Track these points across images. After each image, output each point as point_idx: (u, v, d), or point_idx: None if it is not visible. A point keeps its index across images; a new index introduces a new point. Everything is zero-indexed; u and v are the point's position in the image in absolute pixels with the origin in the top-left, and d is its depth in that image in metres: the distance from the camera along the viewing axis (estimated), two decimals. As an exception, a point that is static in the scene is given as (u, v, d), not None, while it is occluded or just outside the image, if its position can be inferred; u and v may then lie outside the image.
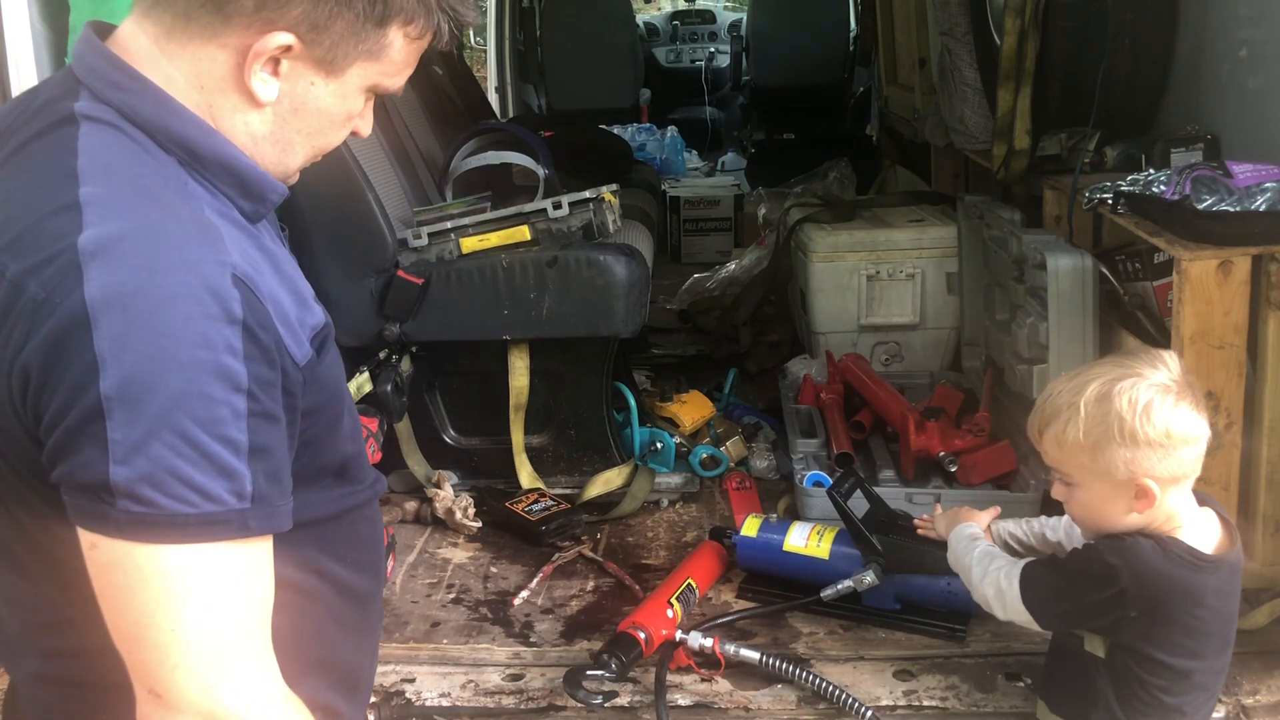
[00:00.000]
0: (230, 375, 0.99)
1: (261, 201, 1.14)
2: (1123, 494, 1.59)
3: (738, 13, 8.91)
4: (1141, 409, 1.54)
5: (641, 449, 2.94)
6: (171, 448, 0.96)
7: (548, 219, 2.72)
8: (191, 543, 0.98)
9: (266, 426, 1.03)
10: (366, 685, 1.39)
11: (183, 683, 1.00)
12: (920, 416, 2.76)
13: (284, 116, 1.12)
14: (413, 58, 1.17)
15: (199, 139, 1.09)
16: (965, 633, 2.16)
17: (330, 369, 1.19)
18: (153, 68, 1.08)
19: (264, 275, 1.07)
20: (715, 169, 7.05)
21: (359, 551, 1.30)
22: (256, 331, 1.01)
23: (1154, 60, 2.90)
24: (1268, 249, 2.12)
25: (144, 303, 0.97)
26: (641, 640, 2.05)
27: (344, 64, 1.11)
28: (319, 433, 1.17)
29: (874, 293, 3.36)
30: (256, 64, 1.07)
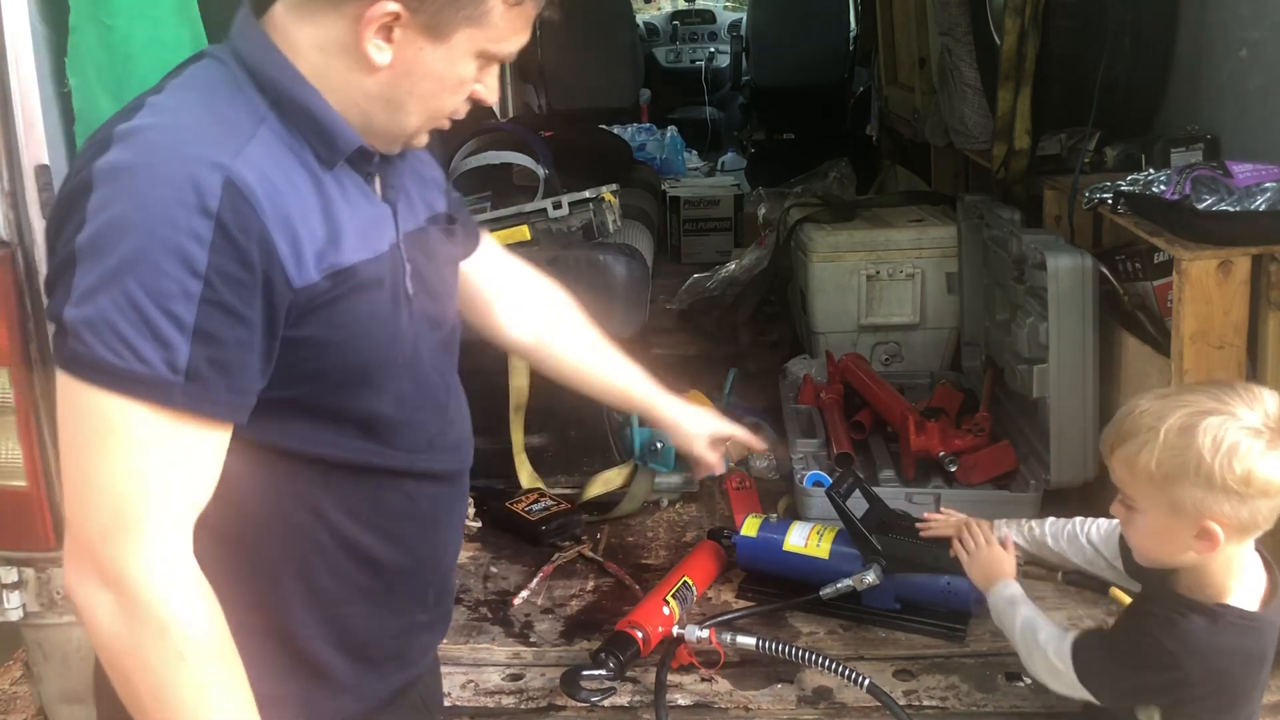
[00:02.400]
0: (187, 258, 1.08)
1: (334, 149, 1.22)
2: (1185, 531, 1.48)
3: (738, 13, 8.91)
4: (1226, 450, 1.42)
5: (641, 449, 2.94)
6: (116, 304, 1.06)
7: (548, 219, 2.73)
8: (116, 393, 1.08)
9: (222, 317, 1.10)
10: (389, 662, 1.39)
11: (85, 520, 1.11)
12: (920, 416, 2.76)
13: (396, 79, 1.21)
14: (518, 24, 1.24)
15: (288, 87, 1.20)
16: (965, 633, 2.16)
17: (360, 318, 1.22)
18: (284, 33, 1.21)
19: (286, 200, 1.15)
20: (715, 169, 7.05)
21: (385, 520, 1.32)
22: (232, 230, 1.09)
23: (1154, 60, 2.90)
24: (1268, 249, 2.12)
25: (133, 178, 1.09)
26: (639, 639, 2.05)
27: (449, 29, 1.19)
28: (332, 371, 1.22)
29: (874, 293, 3.36)
30: (369, 30, 1.17)
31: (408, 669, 1.43)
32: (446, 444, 1.40)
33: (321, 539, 1.28)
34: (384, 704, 1.40)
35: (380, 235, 1.27)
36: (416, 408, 1.33)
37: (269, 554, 1.26)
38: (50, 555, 1.92)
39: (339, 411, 1.25)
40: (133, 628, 1.10)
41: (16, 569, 1.93)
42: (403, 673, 1.42)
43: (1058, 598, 2.26)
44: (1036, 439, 2.64)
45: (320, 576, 1.29)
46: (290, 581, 1.28)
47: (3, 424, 1.85)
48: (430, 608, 1.44)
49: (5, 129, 1.80)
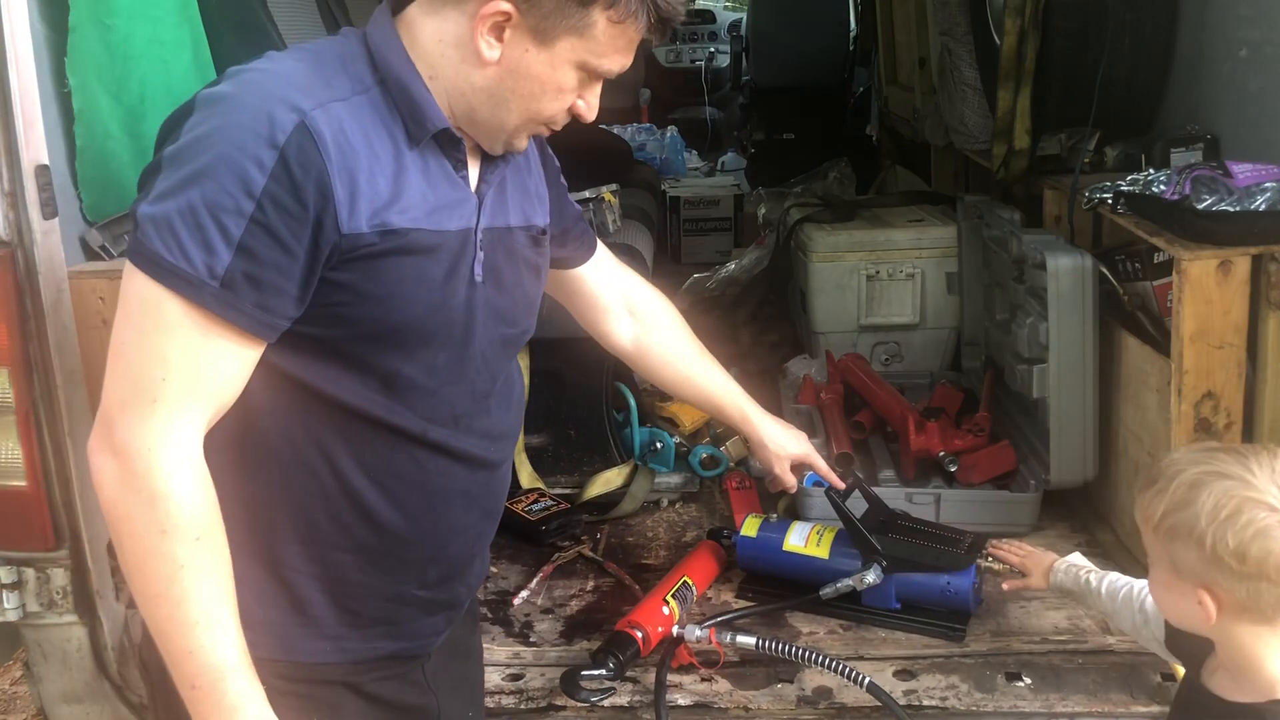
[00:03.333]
0: (246, 179, 1.19)
1: (420, 126, 1.32)
2: (1187, 595, 1.35)
3: (738, 13, 8.92)
4: (1225, 518, 1.28)
5: (641, 449, 2.94)
6: (178, 207, 1.19)
7: (548, 219, 2.72)
8: (159, 283, 1.19)
9: (266, 239, 1.20)
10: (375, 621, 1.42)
11: (110, 392, 1.22)
12: (920, 416, 2.76)
13: (501, 76, 1.32)
14: (620, 42, 1.34)
15: (395, 66, 1.32)
16: (965, 633, 2.16)
17: (406, 280, 1.30)
18: (411, 23, 1.33)
19: (359, 156, 1.25)
20: (715, 169, 7.05)
21: (390, 480, 1.37)
22: (293, 165, 1.20)
23: (1154, 60, 2.90)
24: (1268, 249, 2.12)
25: (223, 106, 1.22)
26: (639, 639, 2.05)
27: (553, 35, 1.30)
28: (363, 320, 1.29)
29: (874, 293, 3.36)
30: (483, 27, 1.29)
31: (397, 640, 1.45)
32: (478, 429, 1.43)
33: (325, 479, 1.34)
34: (367, 667, 1.42)
35: (454, 216, 1.35)
36: (450, 381, 1.39)
37: (273, 478, 1.33)
38: (50, 555, 1.91)
39: (366, 362, 1.32)
40: (127, 495, 1.19)
41: (16, 569, 1.93)
42: (391, 642, 1.44)
43: (1057, 598, 2.25)
44: (1036, 439, 2.64)
45: (317, 516, 1.35)
46: (288, 511, 1.34)
47: (3, 424, 1.85)
48: (430, 585, 1.46)
49: (5, 129, 1.79)
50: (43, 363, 1.84)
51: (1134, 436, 2.42)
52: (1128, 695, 1.97)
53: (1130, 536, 2.45)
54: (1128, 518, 2.47)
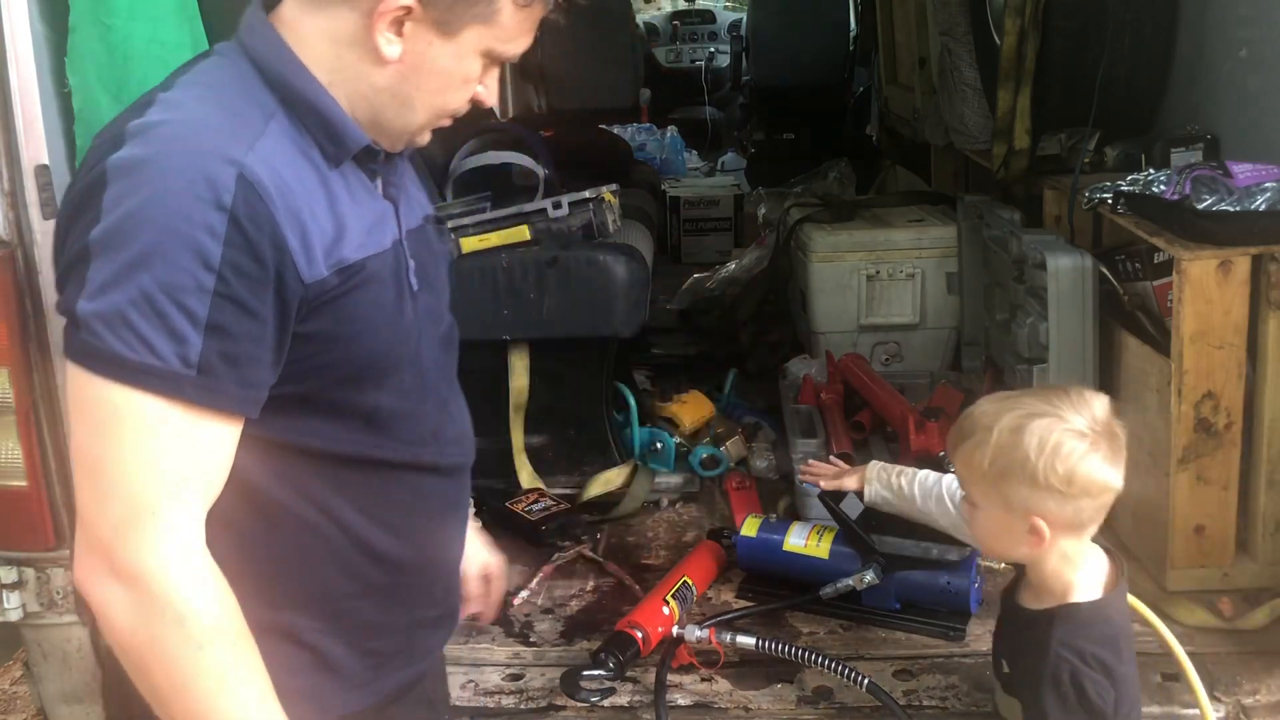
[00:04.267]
0: (202, 252, 1.09)
1: (341, 146, 1.24)
2: (1017, 527, 1.57)
3: (738, 13, 8.91)
4: (1049, 451, 1.51)
5: (641, 449, 2.94)
6: (130, 297, 1.08)
7: (548, 219, 2.72)
8: (129, 385, 1.09)
9: (234, 311, 1.11)
10: (397, 656, 1.40)
11: (97, 514, 1.12)
12: (920, 416, 2.75)
13: (405, 74, 1.23)
14: (526, 24, 1.26)
15: (297, 83, 1.22)
16: (965, 633, 2.16)
17: (367, 311, 1.24)
18: (293, 26, 1.23)
19: (296, 196, 1.16)
20: (715, 169, 7.05)
21: (392, 513, 1.33)
22: (245, 225, 1.11)
23: (1154, 60, 2.90)
24: (1268, 249, 2.12)
25: (148, 172, 1.10)
26: (639, 639, 2.05)
27: (459, 26, 1.21)
28: (338, 365, 1.23)
29: (874, 293, 3.36)
30: (382, 23, 1.19)
31: (415, 664, 1.44)
32: (449, 437, 1.41)
33: (330, 534, 1.29)
34: (391, 699, 1.40)
35: (384, 231, 1.29)
36: (420, 400, 1.35)
37: (278, 549, 1.27)
38: (50, 555, 1.92)
39: (344, 405, 1.27)
40: (150, 620, 1.11)
41: (16, 569, 1.93)
42: (410, 668, 1.43)
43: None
44: (1036, 439, 2.64)
45: (329, 572, 1.31)
46: (299, 576, 1.29)
47: (3, 424, 1.85)
48: (439, 603, 1.45)
49: (5, 129, 1.80)
50: (43, 363, 1.84)
51: (1134, 436, 2.40)
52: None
53: (1130, 536, 2.45)
54: (1128, 517, 2.47)
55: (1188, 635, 1.96)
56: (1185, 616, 2.15)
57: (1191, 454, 2.21)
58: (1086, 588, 1.61)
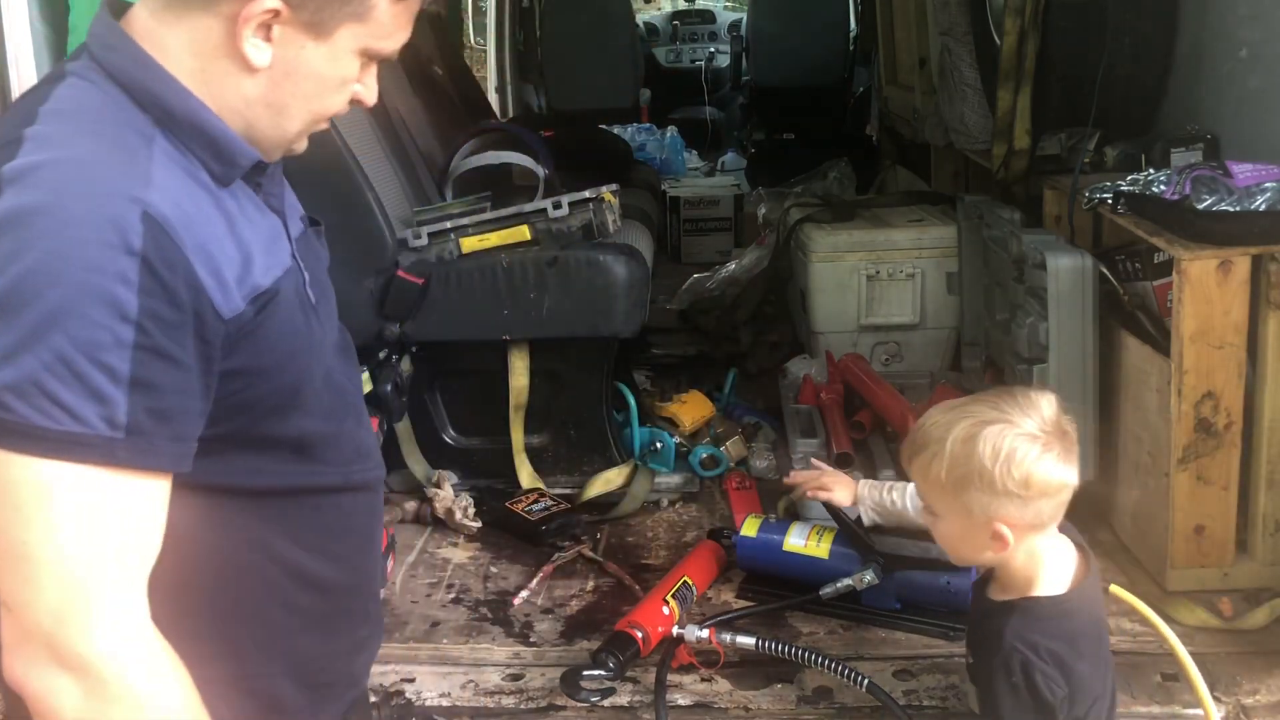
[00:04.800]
0: (117, 303, 1.00)
1: (231, 165, 1.16)
2: (980, 533, 1.59)
3: (738, 13, 8.91)
4: (1004, 457, 1.53)
5: (641, 449, 2.94)
6: (42, 362, 0.98)
7: (548, 219, 2.72)
8: (53, 459, 0.99)
9: (158, 363, 1.03)
10: (341, 683, 1.37)
11: (33, 602, 1.01)
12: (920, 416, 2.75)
13: (277, 80, 1.15)
14: (402, 19, 1.19)
15: (174, 101, 1.12)
16: (965, 633, 2.16)
17: (282, 337, 1.17)
18: (151, 37, 1.13)
19: (199, 226, 1.08)
20: (715, 169, 7.04)
21: (326, 539, 1.29)
22: (158, 268, 1.02)
23: (1154, 60, 2.90)
24: (1268, 249, 2.12)
25: (44, 221, 1.00)
26: (639, 639, 2.05)
27: (331, 26, 1.14)
28: (263, 398, 1.17)
29: (874, 293, 3.36)
30: (247, 29, 1.10)
31: (355, 686, 1.43)
32: (367, 450, 1.37)
33: (269, 572, 1.24)
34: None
35: (280, 248, 1.23)
36: (341, 418, 1.31)
37: (218, 599, 1.21)
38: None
39: (272, 437, 1.20)
40: (104, 708, 1.03)
41: None
42: (352, 690, 1.42)
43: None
44: (1036, 439, 2.64)
45: (272, 611, 1.25)
46: (242, 622, 1.24)
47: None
48: (370, 621, 1.42)
49: (5, 129, 1.79)
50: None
51: (1134, 436, 2.42)
52: (1128, 695, 1.97)
53: (1130, 536, 2.45)
54: (1128, 517, 2.47)
55: (1188, 635, 1.96)
56: (1185, 616, 2.15)
57: (1191, 454, 2.21)
58: (1050, 583, 1.63)
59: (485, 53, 6.85)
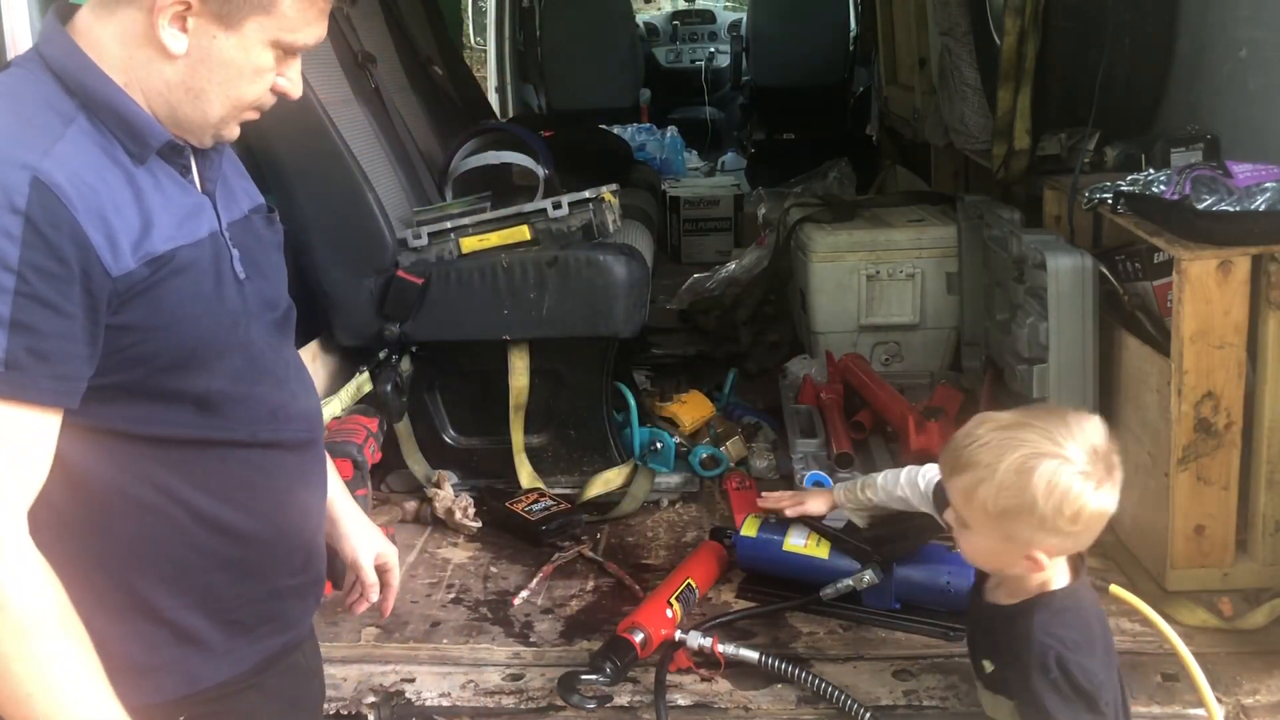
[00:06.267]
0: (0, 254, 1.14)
1: (143, 144, 1.28)
2: (1014, 555, 1.60)
3: (738, 13, 8.91)
4: (1059, 495, 1.52)
5: (641, 449, 2.94)
6: None
7: (547, 219, 2.72)
8: None
9: (38, 309, 1.16)
10: (259, 624, 1.43)
11: None
12: (920, 416, 2.76)
13: (194, 67, 1.28)
14: (311, 14, 1.30)
15: (95, 87, 1.26)
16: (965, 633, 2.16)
17: (182, 301, 1.28)
18: (88, 33, 1.28)
19: (99, 195, 1.21)
20: (715, 169, 7.05)
21: (236, 491, 1.37)
22: (42, 227, 1.15)
23: (1154, 60, 2.90)
24: (1268, 249, 2.12)
25: None
26: (637, 643, 2.05)
27: (239, 18, 1.26)
28: (158, 353, 1.27)
29: (874, 293, 3.36)
30: (162, 19, 1.24)
31: (283, 633, 1.48)
32: (291, 414, 1.44)
33: (174, 515, 1.33)
34: (265, 665, 1.44)
35: (199, 223, 1.33)
36: (254, 382, 1.39)
37: (123, 535, 1.31)
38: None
39: (173, 391, 1.30)
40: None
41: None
42: (279, 636, 1.47)
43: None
44: (1036, 439, 2.64)
45: (178, 550, 1.34)
46: (149, 558, 1.33)
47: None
48: (298, 572, 1.48)
49: (5, 129, 1.79)
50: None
51: (1134, 436, 2.42)
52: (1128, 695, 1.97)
53: (1130, 536, 2.45)
54: (1128, 517, 2.47)
55: (1188, 635, 1.96)
56: (1185, 616, 2.15)
57: (1191, 454, 2.21)
58: (1058, 579, 1.65)
59: (485, 53, 6.85)
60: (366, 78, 3.04)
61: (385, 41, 3.47)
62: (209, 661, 1.38)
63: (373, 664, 2.13)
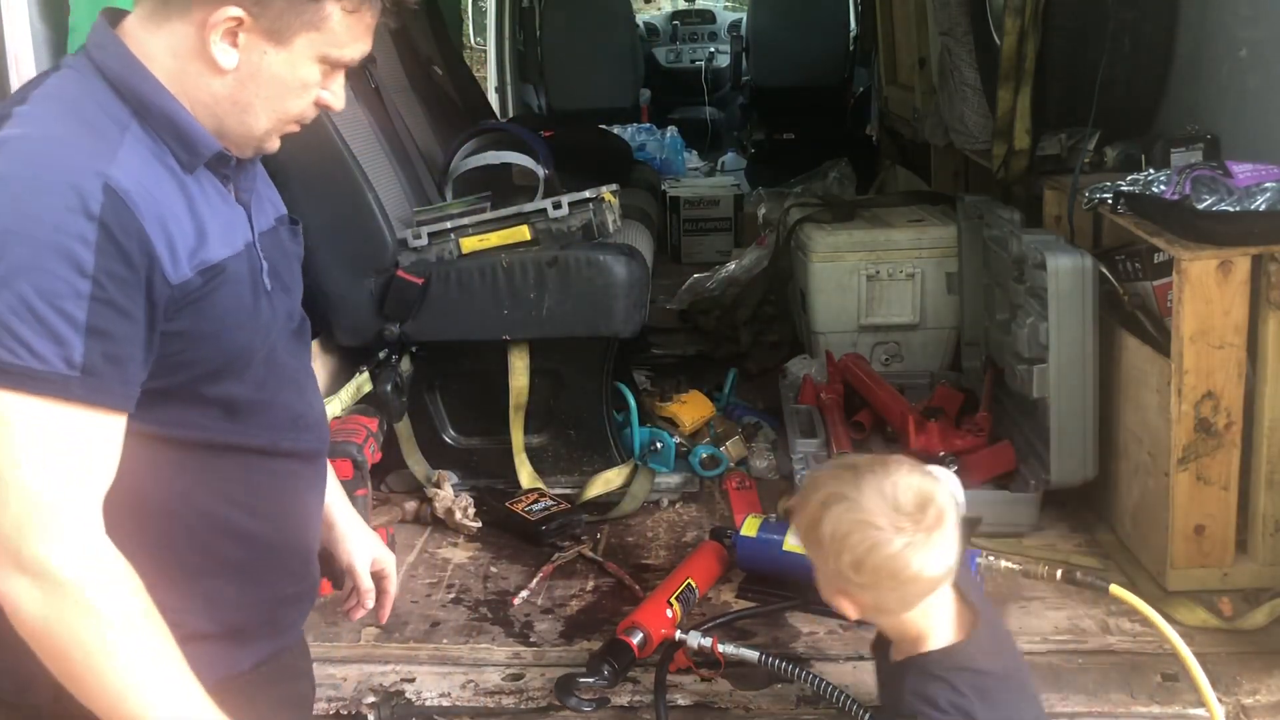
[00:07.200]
0: (76, 259, 1.15)
1: (194, 153, 1.30)
2: (831, 593, 1.55)
3: (738, 13, 8.91)
4: (840, 539, 1.48)
5: (641, 449, 2.94)
6: (9, 305, 1.13)
7: (547, 219, 2.72)
8: (14, 390, 1.14)
9: (112, 314, 1.17)
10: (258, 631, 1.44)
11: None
12: (920, 416, 2.76)
13: (243, 82, 1.29)
14: (358, 29, 1.32)
15: (149, 95, 1.28)
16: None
17: (227, 310, 1.30)
18: (138, 42, 1.29)
19: (159, 203, 1.23)
20: (715, 169, 7.05)
21: (252, 496, 1.39)
22: (115, 233, 1.17)
23: (1154, 60, 2.90)
24: (1268, 249, 2.12)
25: (16, 187, 1.17)
26: (635, 644, 2.05)
27: (290, 34, 1.28)
28: (199, 360, 1.29)
29: (874, 293, 3.36)
30: (214, 34, 1.25)
31: (277, 638, 1.49)
32: (309, 423, 1.47)
33: (189, 519, 1.35)
34: (257, 668, 1.45)
35: (237, 234, 1.35)
36: (276, 390, 1.41)
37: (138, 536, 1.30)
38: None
39: (204, 396, 1.32)
40: (61, 610, 1.17)
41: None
42: (272, 641, 1.48)
43: (1058, 597, 2.26)
44: (1036, 439, 2.64)
45: (189, 554, 1.36)
46: (160, 560, 1.32)
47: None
48: (298, 580, 1.50)
49: (5, 129, 1.80)
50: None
51: (1134, 436, 2.42)
52: (1128, 695, 1.97)
53: (1130, 536, 2.45)
54: (1128, 518, 2.47)
55: (1188, 635, 1.96)
56: (1185, 616, 2.15)
57: (1191, 454, 2.21)
58: (941, 635, 1.56)
59: (485, 53, 6.86)
60: (366, 78, 3.04)
61: (385, 41, 3.47)
62: (205, 663, 1.37)
63: (373, 664, 2.14)
